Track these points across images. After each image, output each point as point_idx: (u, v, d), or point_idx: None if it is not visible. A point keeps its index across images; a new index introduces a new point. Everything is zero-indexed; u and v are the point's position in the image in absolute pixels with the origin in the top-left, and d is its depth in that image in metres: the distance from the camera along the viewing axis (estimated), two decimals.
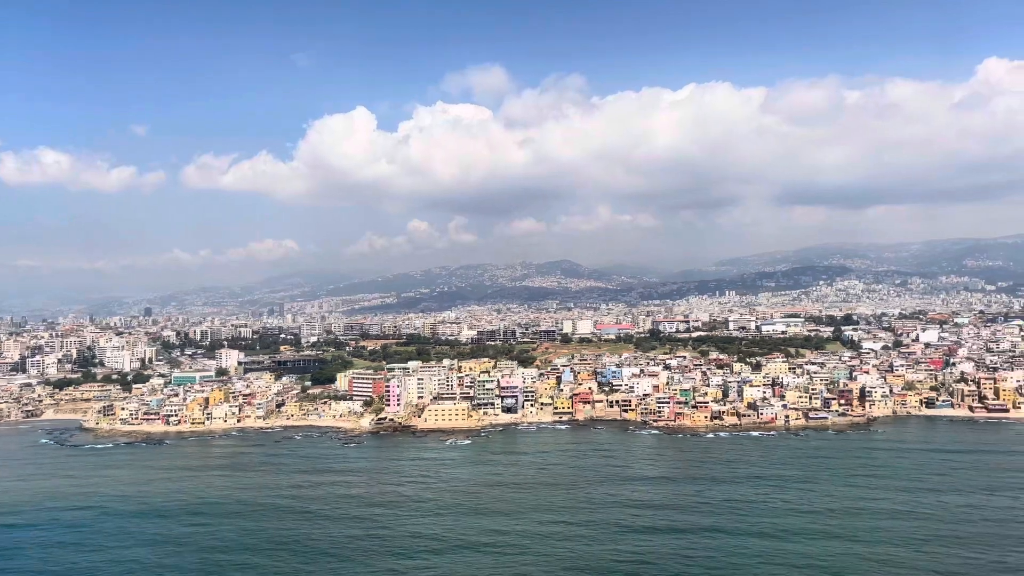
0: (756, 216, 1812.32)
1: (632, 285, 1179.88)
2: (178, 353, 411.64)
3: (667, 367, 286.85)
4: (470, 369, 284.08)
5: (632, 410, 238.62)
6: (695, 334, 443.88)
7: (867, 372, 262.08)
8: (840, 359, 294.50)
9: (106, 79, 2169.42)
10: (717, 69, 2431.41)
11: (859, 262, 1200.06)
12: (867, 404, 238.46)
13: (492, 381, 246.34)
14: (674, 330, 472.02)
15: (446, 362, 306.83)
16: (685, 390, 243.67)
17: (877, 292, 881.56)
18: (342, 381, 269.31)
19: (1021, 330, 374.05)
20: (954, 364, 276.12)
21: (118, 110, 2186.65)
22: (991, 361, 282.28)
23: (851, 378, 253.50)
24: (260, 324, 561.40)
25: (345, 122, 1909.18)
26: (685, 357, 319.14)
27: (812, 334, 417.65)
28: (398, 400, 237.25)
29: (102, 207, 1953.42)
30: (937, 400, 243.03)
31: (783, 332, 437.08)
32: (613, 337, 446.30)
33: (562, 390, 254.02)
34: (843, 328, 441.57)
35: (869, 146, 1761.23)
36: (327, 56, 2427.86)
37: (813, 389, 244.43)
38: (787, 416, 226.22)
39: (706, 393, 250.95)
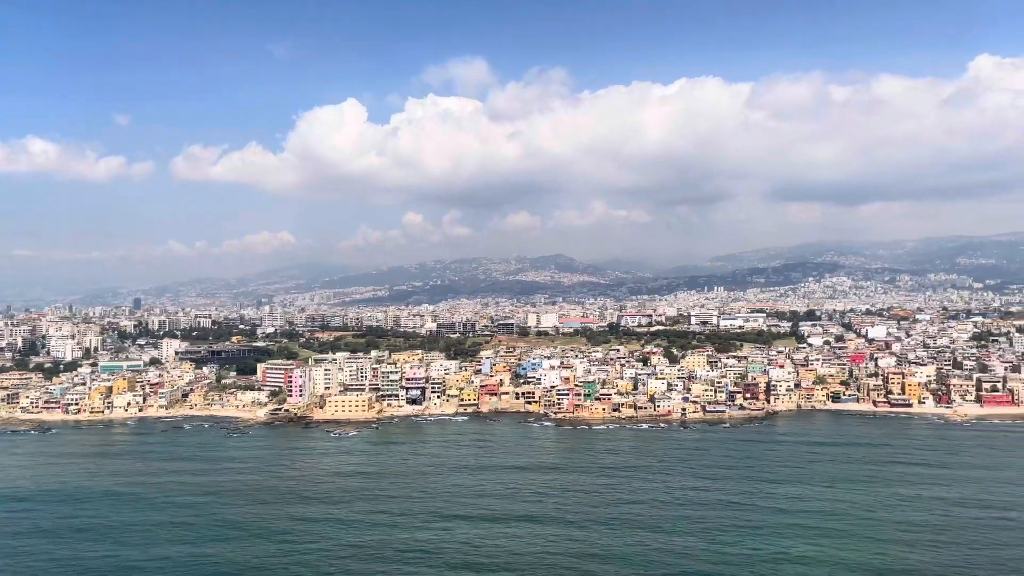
0: (751, 212, 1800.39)
1: (624, 280, 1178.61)
2: (130, 343, 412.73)
3: (593, 360, 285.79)
4: (405, 361, 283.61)
5: (536, 402, 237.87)
6: (654, 328, 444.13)
7: (782, 366, 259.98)
8: (768, 354, 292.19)
9: (89, 70, 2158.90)
10: (709, 63, 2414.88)
11: (853, 259, 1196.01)
12: (772, 398, 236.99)
13: (396, 373, 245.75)
14: (636, 324, 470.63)
15: (374, 353, 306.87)
16: (589, 383, 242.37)
17: (864, 289, 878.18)
18: (259, 371, 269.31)
19: (975, 326, 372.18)
20: (875, 359, 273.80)
21: (101, 100, 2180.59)
22: (918, 356, 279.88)
23: (765, 372, 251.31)
24: (238, 315, 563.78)
25: (334, 114, 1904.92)
26: (619, 350, 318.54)
27: (771, 329, 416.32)
28: (300, 391, 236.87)
29: (93, 197, 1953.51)
30: (844, 394, 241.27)
31: (740, 327, 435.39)
32: (571, 331, 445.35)
33: (472, 382, 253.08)
34: (801, 324, 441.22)
35: (859, 143, 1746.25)
36: (307, 48, 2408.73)
37: (719, 383, 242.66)
38: (684, 409, 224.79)
39: (616, 385, 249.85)
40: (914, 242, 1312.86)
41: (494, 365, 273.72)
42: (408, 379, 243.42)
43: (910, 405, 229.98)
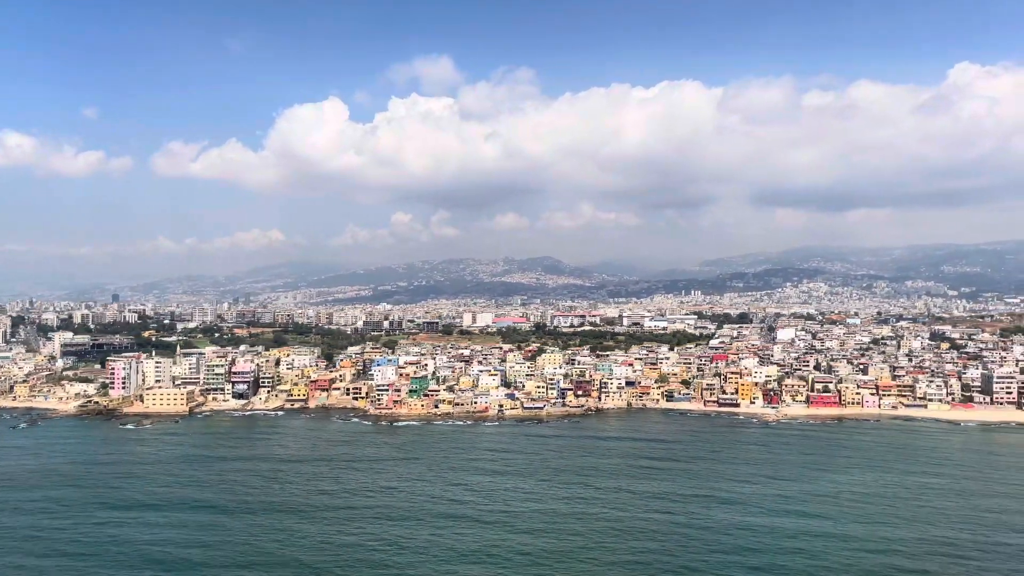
0: (740, 217, 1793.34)
1: (608, 283, 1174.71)
2: (42, 336, 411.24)
3: (456, 357, 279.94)
4: (286, 355, 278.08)
5: (362, 398, 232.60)
6: (583, 329, 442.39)
7: (631, 364, 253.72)
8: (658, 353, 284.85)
9: (55, 62, 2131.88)
10: (689, 67, 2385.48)
11: (839, 265, 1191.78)
12: (603, 395, 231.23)
13: (222, 366, 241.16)
14: (568, 325, 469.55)
15: (242, 347, 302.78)
16: (418, 379, 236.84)
17: (839, 295, 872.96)
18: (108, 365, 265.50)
19: (894, 331, 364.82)
20: (740, 359, 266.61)
21: (68, 93, 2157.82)
22: (803, 359, 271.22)
23: (599, 371, 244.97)
24: (169, 311, 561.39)
25: (313, 112, 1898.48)
26: (514, 349, 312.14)
27: (699, 331, 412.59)
28: (124, 383, 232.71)
29: (73, 192, 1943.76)
30: (679, 393, 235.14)
31: (664, 329, 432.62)
32: (494, 330, 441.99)
33: (307, 377, 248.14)
34: (725, 326, 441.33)
35: (838, 148, 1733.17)
36: (266, 44, 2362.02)
37: (551, 380, 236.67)
38: (501, 406, 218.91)
39: (458, 381, 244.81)
40: (901, 249, 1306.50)
41: (340, 361, 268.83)
42: (235, 373, 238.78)
43: (737, 404, 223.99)
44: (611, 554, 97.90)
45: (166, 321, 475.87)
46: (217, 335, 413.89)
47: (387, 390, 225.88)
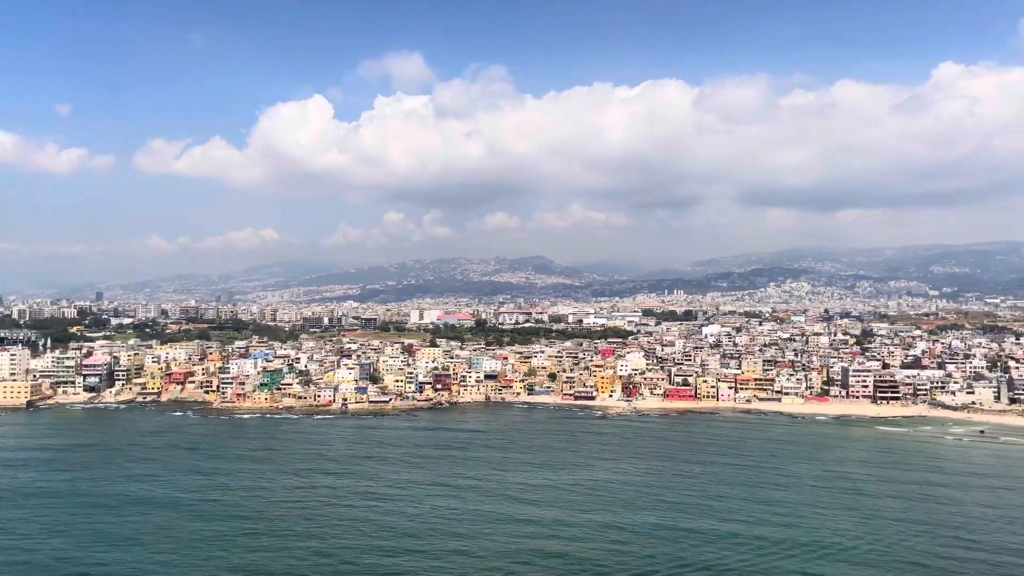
0: (733, 218, 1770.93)
1: (598, 283, 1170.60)
2: None
3: (339, 352, 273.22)
4: (168, 349, 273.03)
5: (213, 391, 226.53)
6: (523, 325, 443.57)
7: (506, 358, 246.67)
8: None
9: (37, 56, 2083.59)
10: (672, 66, 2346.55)
11: (830, 265, 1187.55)
12: (461, 389, 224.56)
13: (72, 359, 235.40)
14: (512, 322, 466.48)
15: (132, 341, 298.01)
16: (269, 371, 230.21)
17: (821, 294, 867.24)
18: None
19: (825, 328, 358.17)
20: (626, 356, 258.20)
21: (40, 89, 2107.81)
22: (707, 353, 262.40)
23: (458, 364, 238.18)
24: (113, 307, 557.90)
25: (296, 110, 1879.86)
26: (412, 343, 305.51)
27: (636, 327, 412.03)
28: None
29: (57, 190, 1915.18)
30: (541, 387, 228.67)
31: (603, 326, 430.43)
32: (430, 327, 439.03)
33: (165, 369, 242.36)
34: (663, 322, 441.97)
35: (823, 148, 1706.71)
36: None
37: (410, 374, 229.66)
38: (345, 399, 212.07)
39: (323, 376, 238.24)
40: (893, 250, 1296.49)
41: (210, 355, 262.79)
42: (86, 366, 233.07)
43: (593, 397, 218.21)
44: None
45: (104, 317, 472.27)
46: (148, 330, 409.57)
47: (231, 384, 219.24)
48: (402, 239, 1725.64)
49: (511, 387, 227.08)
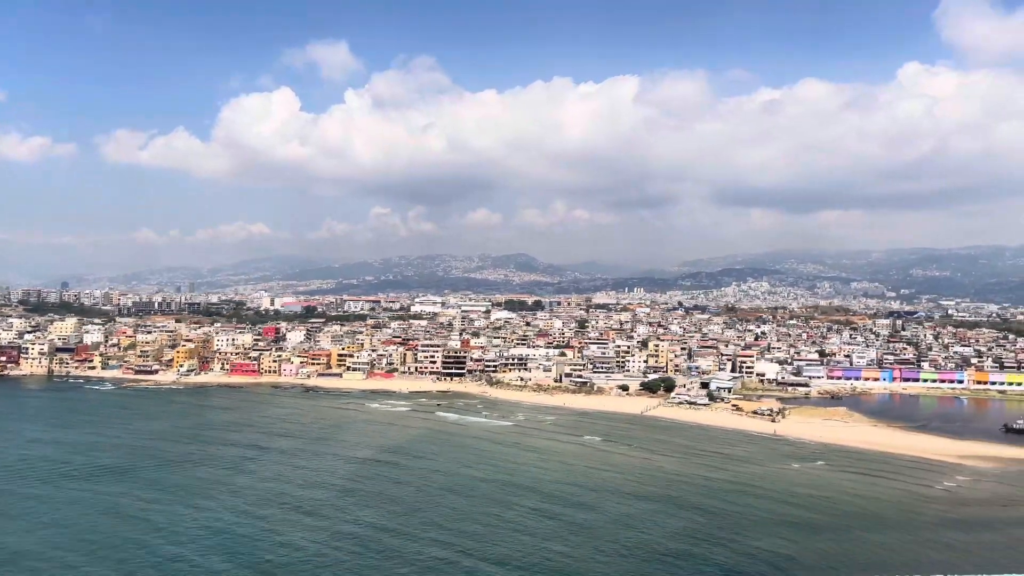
0: (716, 218, 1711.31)
1: (580, 280, 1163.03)
2: None
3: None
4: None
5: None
6: (364, 311, 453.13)
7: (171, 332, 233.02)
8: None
9: None
10: (627, 63, 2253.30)
11: (811, 267, 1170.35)
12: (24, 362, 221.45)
13: None
14: (359, 308, 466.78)
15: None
16: None
17: (777, 294, 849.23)
18: None
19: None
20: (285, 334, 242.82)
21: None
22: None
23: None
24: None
25: (260, 102, 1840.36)
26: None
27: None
28: None
29: (21, 178, 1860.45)
30: (114, 362, 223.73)
31: (432, 314, 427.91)
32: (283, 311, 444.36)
33: None
34: (520, 311, 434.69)
35: (789, 147, 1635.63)
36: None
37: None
38: None
39: None
40: (879, 252, 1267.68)
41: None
42: None
43: (155, 372, 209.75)
44: None
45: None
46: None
47: None
48: (388, 234, 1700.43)
49: (91, 361, 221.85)
